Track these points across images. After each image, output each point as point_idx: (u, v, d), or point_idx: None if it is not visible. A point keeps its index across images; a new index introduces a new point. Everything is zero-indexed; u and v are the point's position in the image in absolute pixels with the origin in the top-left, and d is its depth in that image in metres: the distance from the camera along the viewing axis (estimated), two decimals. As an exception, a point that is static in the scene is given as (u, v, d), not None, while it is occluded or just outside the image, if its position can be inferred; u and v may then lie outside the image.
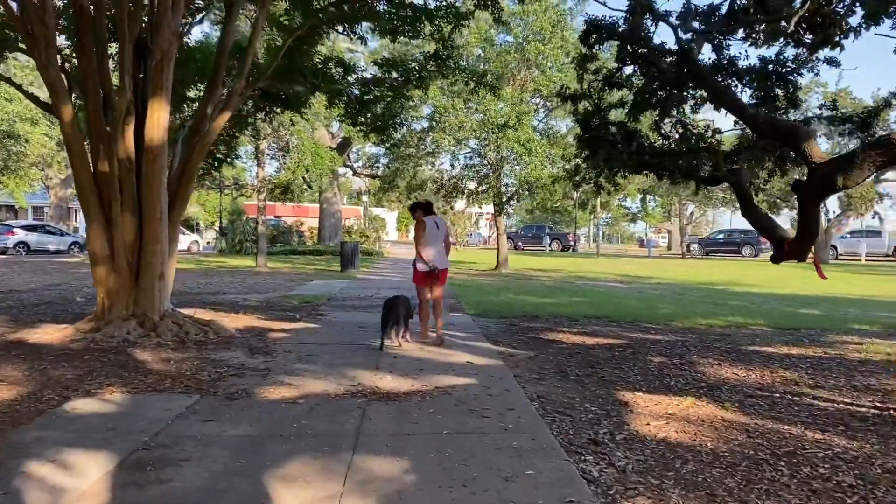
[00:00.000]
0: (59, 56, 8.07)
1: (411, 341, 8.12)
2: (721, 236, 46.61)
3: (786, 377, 6.68)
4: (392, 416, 4.97)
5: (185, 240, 39.14)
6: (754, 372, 6.92)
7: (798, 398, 5.82)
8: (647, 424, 4.90)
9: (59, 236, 34.09)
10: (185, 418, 4.91)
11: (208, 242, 45.57)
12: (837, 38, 5.60)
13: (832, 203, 47.89)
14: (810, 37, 6.22)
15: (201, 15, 10.70)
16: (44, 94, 8.51)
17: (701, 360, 7.44)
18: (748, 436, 4.70)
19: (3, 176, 33.78)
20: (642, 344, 8.49)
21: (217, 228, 42.85)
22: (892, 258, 39.32)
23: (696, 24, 7.73)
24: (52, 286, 15.72)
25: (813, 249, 6.61)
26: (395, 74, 11.84)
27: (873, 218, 42.36)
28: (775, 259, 6.77)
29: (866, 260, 36.81)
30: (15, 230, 32.74)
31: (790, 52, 9.23)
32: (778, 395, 5.94)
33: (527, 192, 25.35)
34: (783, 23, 6.45)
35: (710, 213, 72.96)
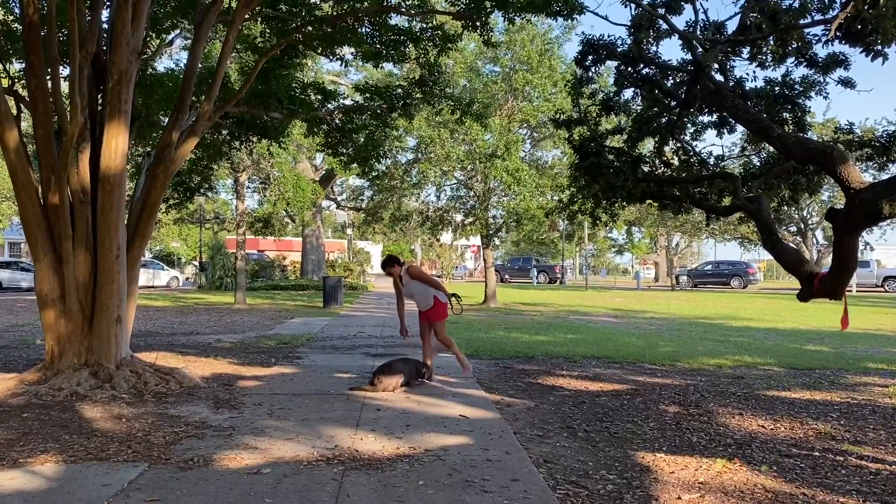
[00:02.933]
0: (7, 76, 7.32)
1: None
2: (709, 268, 46.21)
3: (819, 430, 5.93)
4: (374, 492, 4.16)
5: (164, 276, 38.19)
6: (782, 423, 6.17)
7: (841, 458, 5.07)
8: (679, 499, 4.12)
9: (32, 273, 32.93)
10: (126, 497, 4.07)
11: (188, 278, 44.49)
12: (879, 48, 4.99)
13: (818, 232, 47.83)
14: (846, 45, 5.58)
15: (170, 36, 10.01)
16: None
17: (720, 410, 6.67)
18: (799, 511, 3.95)
19: (-26, 211, 32.74)
20: (651, 389, 7.72)
21: (197, 264, 41.87)
22: (881, 289, 38.98)
23: (704, 40, 7.13)
24: (15, 327, 14.83)
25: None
26: (378, 101, 11.18)
27: (863, 248, 42.15)
28: (803, 297, 6.07)
29: (857, 291, 36.36)
30: (-14, 267, 31.67)
31: (798, 72, 8.60)
32: (817, 453, 5.19)
33: (515, 224, 24.71)
34: (820, 30, 5.84)
35: (696, 245, 72.92)
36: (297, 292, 29.51)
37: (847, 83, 7.54)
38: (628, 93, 8.80)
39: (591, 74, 8.66)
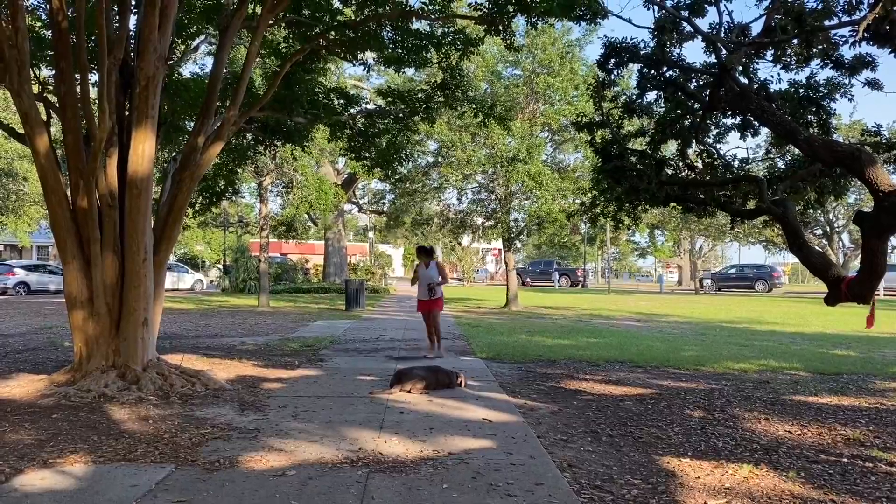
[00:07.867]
0: (38, 83, 7.45)
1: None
2: (733, 271, 45.71)
3: (847, 435, 5.86)
4: (398, 495, 4.18)
5: (188, 279, 38.53)
6: (809, 429, 6.10)
7: (871, 464, 5.00)
8: (705, 504, 4.10)
9: (60, 276, 33.47)
10: (153, 497, 4.12)
11: (212, 281, 44.88)
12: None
13: (844, 235, 47.15)
14: (874, 46, 5.53)
15: (196, 42, 10.13)
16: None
17: (746, 415, 6.61)
18: (828, 518, 3.90)
19: (3, 216, 33.26)
20: (675, 394, 7.67)
21: (221, 267, 42.23)
22: (910, 293, 38.29)
23: (728, 42, 7.08)
24: (44, 329, 15.02)
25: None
26: (400, 105, 11.23)
27: (892, 251, 41.43)
28: (830, 301, 6.01)
29: (885, 295, 35.75)
30: (15, 270, 32.18)
31: (823, 74, 8.50)
32: (846, 459, 5.12)
33: (536, 227, 24.65)
34: (845, 31, 5.78)
35: (719, 248, 72.17)
36: (320, 295, 29.68)
37: (874, 85, 7.43)
38: (651, 95, 8.77)
39: (613, 77, 8.64)
